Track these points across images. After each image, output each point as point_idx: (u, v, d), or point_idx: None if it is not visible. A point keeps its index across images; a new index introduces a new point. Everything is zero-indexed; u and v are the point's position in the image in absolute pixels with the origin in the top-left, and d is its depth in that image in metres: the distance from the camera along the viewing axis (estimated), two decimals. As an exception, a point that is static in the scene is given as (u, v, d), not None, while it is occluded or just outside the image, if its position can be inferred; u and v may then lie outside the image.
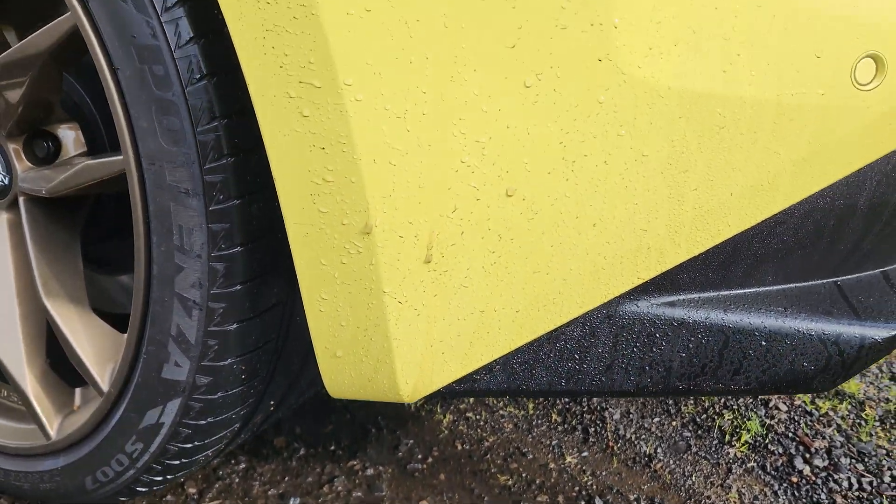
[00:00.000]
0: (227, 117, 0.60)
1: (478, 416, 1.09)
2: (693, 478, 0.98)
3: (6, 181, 0.81)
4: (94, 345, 0.75)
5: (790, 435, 1.07)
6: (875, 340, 0.61)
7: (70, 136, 0.81)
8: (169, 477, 0.77)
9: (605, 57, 0.50)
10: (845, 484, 0.97)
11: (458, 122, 0.52)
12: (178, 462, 0.74)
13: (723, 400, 1.16)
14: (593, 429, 1.07)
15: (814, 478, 0.98)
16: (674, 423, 1.09)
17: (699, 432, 1.07)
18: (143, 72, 0.60)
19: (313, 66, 0.51)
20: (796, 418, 1.11)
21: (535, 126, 0.52)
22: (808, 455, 1.03)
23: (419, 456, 1.00)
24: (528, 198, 0.54)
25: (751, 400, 1.16)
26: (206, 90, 0.59)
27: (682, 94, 0.52)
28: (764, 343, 0.61)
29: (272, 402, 0.78)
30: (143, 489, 0.79)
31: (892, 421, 1.09)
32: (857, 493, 0.96)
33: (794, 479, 0.98)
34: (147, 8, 0.58)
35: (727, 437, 1.06)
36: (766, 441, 1.06)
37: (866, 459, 1.02)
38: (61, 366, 0.83)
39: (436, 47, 0.50)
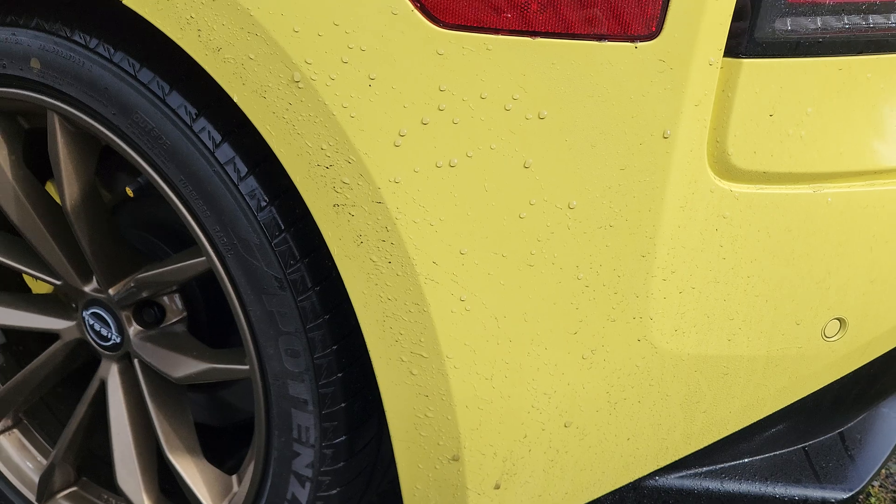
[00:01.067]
0: (337, 344, 0.76)
1: None
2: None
3: (119, 340, 0.95)
4: (209, 488, 0.90)
5: None
6: (832, 502, 0.80)
7: (173, 303, 0.95)
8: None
9: (643, 338, 0.66)
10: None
11: (531, 382, 0.68)
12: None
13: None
14: None
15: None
16: None
17: None
18: (271, 314, 0.74)
19: (422, 343, 0.67)
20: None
21: (588, 382, 0.68)
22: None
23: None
24: (580, 426, 0.71)
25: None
26: (321, 327, 0.74)
27: (697, 357, 0.68)
28: (751, 507, 0.79)
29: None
30: None
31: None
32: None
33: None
34: (275, 265, 0.73)
35: None
36: None
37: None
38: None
39: (518, 334, 0.66)
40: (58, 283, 0.95)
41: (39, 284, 1.11)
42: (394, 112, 0.61)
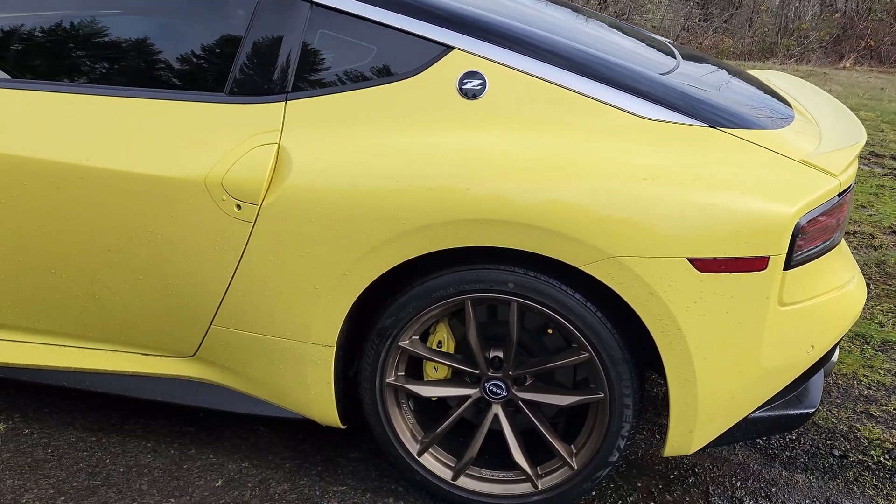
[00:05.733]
0: (640, 380, 1.84)
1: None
2: None
3: (506, 394, 1.96)
4: (566, 452, 1.94)
5: None
6: (808, 413, 1.98)
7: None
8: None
9: (758, 363, 1.81)
10: None
11: (727, 391, 1.80)
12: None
13: None
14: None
15: None
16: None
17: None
18: (619, 373, 1.81)
19: (687, 376, 1.77)
20: None
21: (737, 390, 1.82)
22: None
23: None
24: (736, 398, 1.84)
25: None
26: (636, 374, 1.83)
27: (773, 367, 1.84)
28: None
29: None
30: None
31: None
32: None
33: (753, 444, 2.38)
34: (619, 353, 1.80)
35: None
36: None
37: None
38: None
39: (725, 382, 1.78)
40: (477, 371, 1.95)
41: (438, 372, 2.07)
42: (684, 299, 1.71)
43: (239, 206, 1.86)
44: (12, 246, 2.03)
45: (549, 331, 1.97)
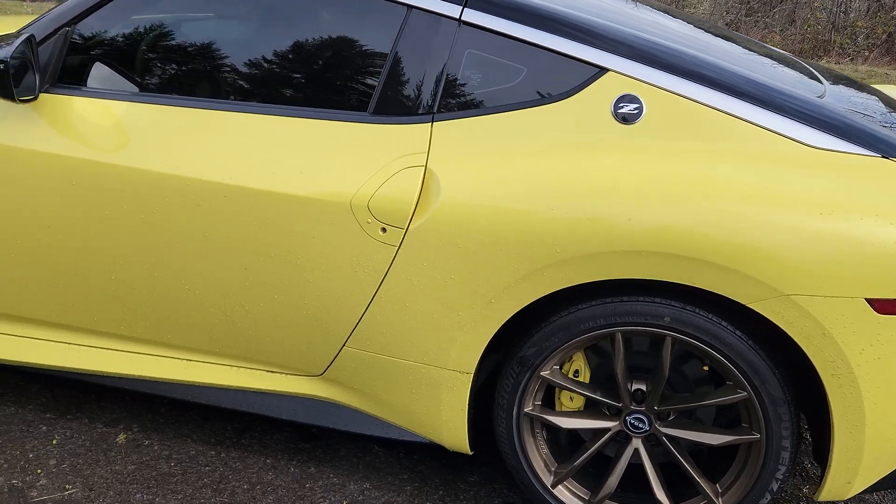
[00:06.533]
0: (797, 419, 1.73)
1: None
2: None
3: (648, 428, 1.87)
4: (711, 489, 1.85)
5: None
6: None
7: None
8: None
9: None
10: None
11: (889, 436, 1.68)
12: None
13: None
14: None
15: None
16: None
17: None
18: (779, 414, 1.71)
19: (856, 421, 1.66)
20: None
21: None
22: None
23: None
24: (901, 443, 1.72)
25: None
26: (794, 414, 1.72)
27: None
28: None
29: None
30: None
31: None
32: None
33: None
34: (780, 392, 1.70)
35: None
36: None
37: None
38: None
39: (886, 425, 1.66)
40: (619, 404, 1.86)
41: (573, 402, 1.99)
42: (860, 341, 1.60)
43: (384, 230, 1.80)
44: (150, 262, 1.99)
45: (705, 367, 1.87)
